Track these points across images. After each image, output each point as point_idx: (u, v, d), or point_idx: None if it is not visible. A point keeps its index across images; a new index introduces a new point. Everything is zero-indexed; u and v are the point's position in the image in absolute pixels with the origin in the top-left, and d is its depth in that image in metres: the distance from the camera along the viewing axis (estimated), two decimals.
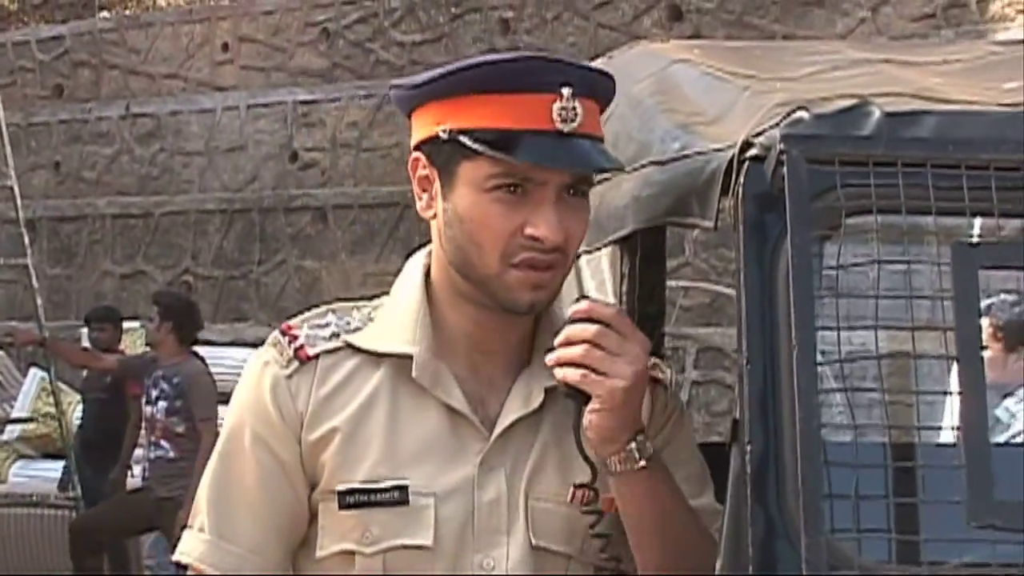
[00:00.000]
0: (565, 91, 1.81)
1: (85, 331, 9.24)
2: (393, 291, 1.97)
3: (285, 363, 1.91)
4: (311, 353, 1.92)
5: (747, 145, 1.78)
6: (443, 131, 1.84)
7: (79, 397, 9.13)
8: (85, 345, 9.07)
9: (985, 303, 1.75)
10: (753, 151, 1.77)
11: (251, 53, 11.80)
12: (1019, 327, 4.76)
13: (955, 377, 1.71)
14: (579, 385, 1.79)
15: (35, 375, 10.16)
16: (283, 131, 11.51)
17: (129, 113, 12.33)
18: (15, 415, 9.92)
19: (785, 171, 1.72)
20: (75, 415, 9.19)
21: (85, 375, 8.86)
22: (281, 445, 1.90)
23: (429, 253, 1.95)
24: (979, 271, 1.71)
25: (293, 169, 11.45)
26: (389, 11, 11.05)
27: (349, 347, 1.92)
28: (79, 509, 8.55)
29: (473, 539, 1.87)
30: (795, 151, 1.72)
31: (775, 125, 1.77)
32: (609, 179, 2.13)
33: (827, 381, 1.72)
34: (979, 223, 1.76)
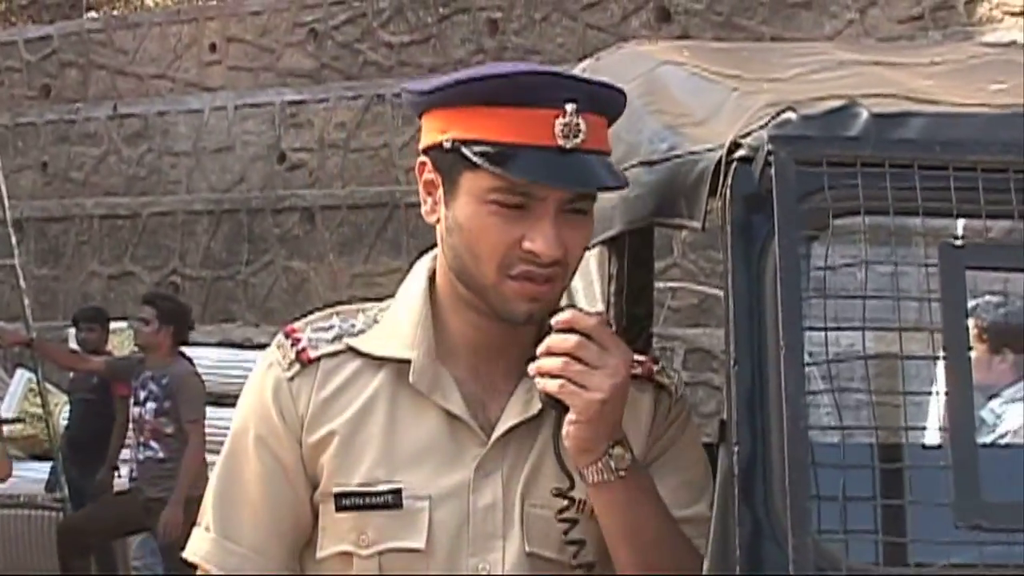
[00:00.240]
0: (569, 107, 1.81)
1: (72, 332, 9.22)
2: (399, 293, 1.98)
3: (287, 366, 1.93)
4: (313, 356, 1.93)
5: (735, 146, 1.78)
6: (447, 140, 1.85)
7: (66, 398, 9.12)
8: (72, 347, 9.06)
9: (970, 304, 1.75)
10: (741, 152, 1.77)
11: (239, 54, 11.79)
12: (1004, 328, 4.77)
13: (940, 378, 1.71)
14: (557, 396, 1.80)
15: (22, 376, 10.15)
16: (271, 132, 11.50)
17: (117, 114, 12.31)
18: (2, 416, 9.90)
19: (773, 172, 1.72)
20: (62, 416, 9.18)
21: (72, 376, 8.84)
22: (282, 447, 1.92)
23: (435, 256, 1.97)
24: (966, 272, 1.71)
25: (281, 170, 11.44)
26: (377, 12, 11.05)
27: (351, 350, 1.93)
28: (66, 510, 8.53)
29: (468, 543, 1.88)
30: (783, 152, 1.72)
31: (763, 126, 1.77)
32: None
33: (815, 382, 1.72)
34: (962, 223, 1.76)
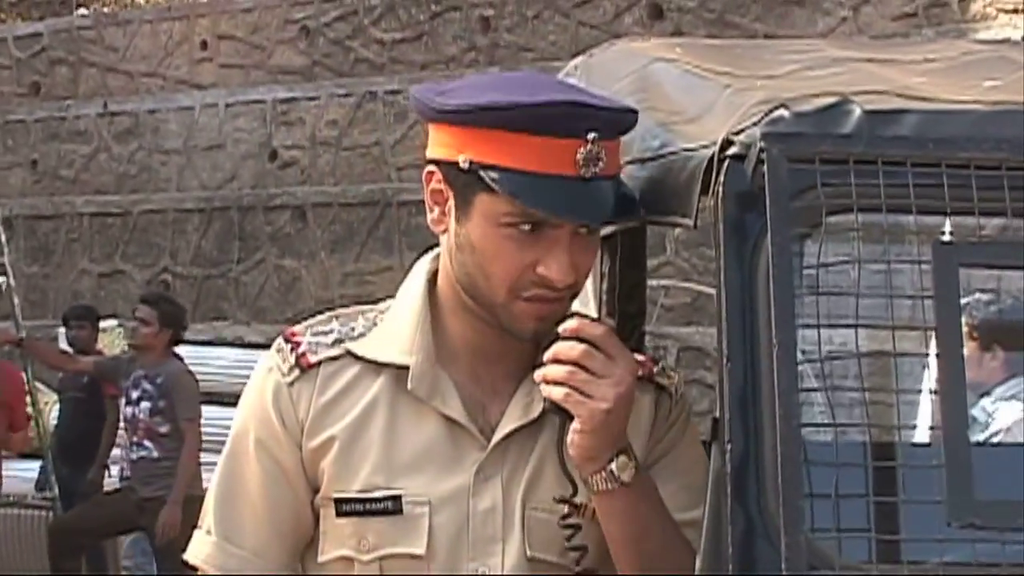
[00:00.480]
0: (591, 136, 1.81)
1: (63, 330, 9.21)
2: (398, 295, 1.99)
3: (287, 370, 1.94)
4: (312, 361, 1.94)
5: (727, 143, 1.78)
6: (463, 160, 1.84)
7: (56, 397, 9.11)
8: (63, 347, 9.05)
9: (962, 302, 1.75)
10: (733, 149, 1.77)
11: (230, 51, 11.78)
12: (995, 326, 4.78)
13: (930, 375, 1.71)
14: (563, 405, 1.81)
15: None
16: (262, 129, 11.49)
17: (107, 111, 12.30)
18: None
19: (765, 169, 1.72)
20: (52, 415, 9.17)
21: (62, 375, 8.84)
22: (283, 451, 1.93)
23: (435, 258, 1.96)
24: (959, 270, 1.71)
25: (272, 167, 11.43)
26: (369, 8, 11.04)
27: (351, 355, 1.94)
28: (56, 509, 8.52)
29: (468, 548, 1.88)
30: (775, 149, 1.72)
31: (755, 123, 1.77)
32: None
33: (808, 380, 1.72)
34: (949, 221, 1.77)
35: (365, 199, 10.80)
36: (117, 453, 8.12)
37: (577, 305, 2.24)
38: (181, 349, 7.88)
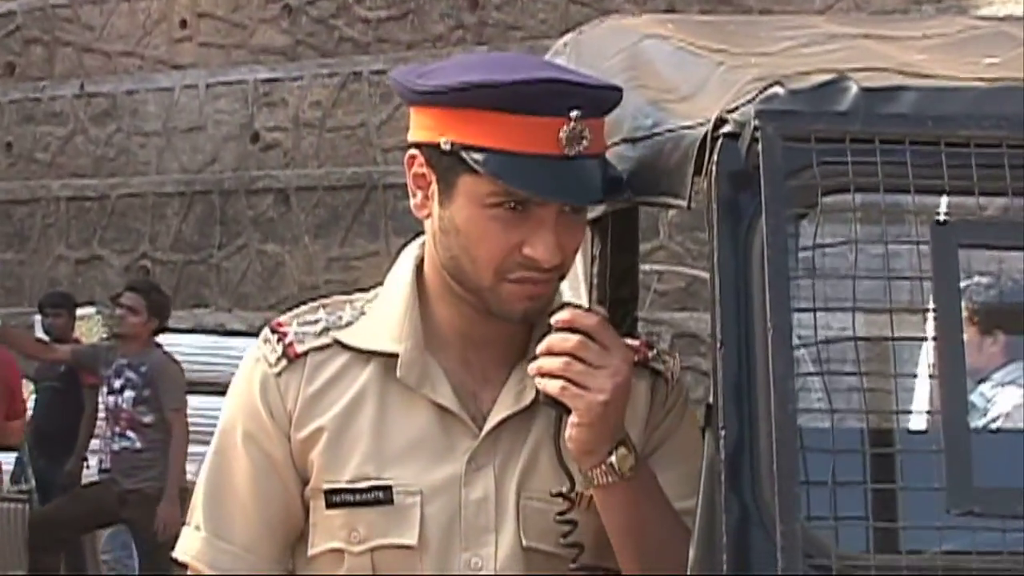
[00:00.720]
0: (574, 114, 1.82)
1: (38, 318, 9.20)
2: (386, 283, 1.99)
3: (274, 361, 1.95)
4: (300, 351, 1.95)
5: (721, 122, 1.78)
6: (445, 142, 1.85)
7: (32, 386, 9.10)
8: (39, 335, 9.04)
9: (961, 285, 1.75)
10: (727, 128, 1.77)
11: (210, 30, 11.75)
12: (995, 310, 4.79)
13: (927, 360, 1.72)
14: (559, 398, 1.81)
15: None
16: (244, 111, 11.47)
17: (84, 92, 12.27)
18: None
19: (760, 148, 1.72)
20: (28, 405, 9.15)
21: (38, 364, 8.83)
22: (271, 443, 1.94)
23: (422, 244, 1.97)
24: (959, 251, 1.72)
25: (254, 150, 11.42)
26: None
27: (338, 344, 1.95)
28: (32, 502, 8.51)
29: (460, 538, 1.89)
30: (770, 128, 1.73)
31: (749, 101, 1.77)
32: None
33: (804, 365, 1.73)
34: (945, 201, 1.77)
35: (350, 182, 10.79)
36: (96, 444, 8.12)
37: (568, 292, 2.25)
38: (161, 337, 7.88)
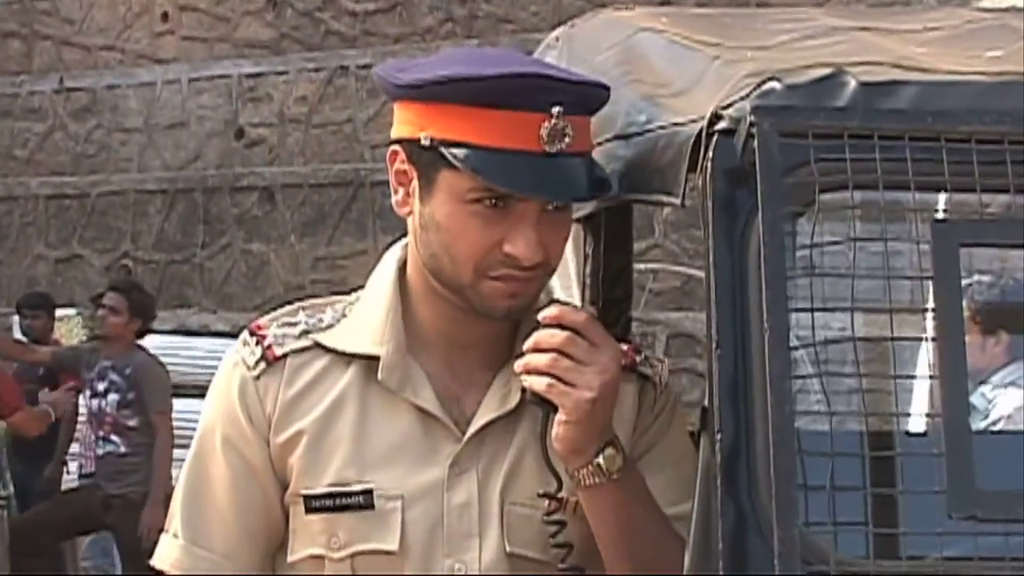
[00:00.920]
0: (555, 110, 1.83)
1: (16, 319, 9.19)
2: (367, 285, 2.00)
3: (253, 364, 1.96)
4: (279, 353, 1.95)
5: (716, 118, 1.78)
6: (425, 138, 1.86)
7: None
8: (17, 336, 9.02)
9: (962, 284, 1.76)
10: (722, 124, 1.77)
11: (193, 23, 11.74)
12: (997, 309, 4.79)
13: (926, 360, 1.72)
14: (546, 395, 1.82)
15: None
16: (227, 106, 11.47)
17: (63, 87, 12.26)
18: None
19: (756, 145, 1.73)
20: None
21: (16, 366, 8.81)
22: (250, 448, 1.94)
23: (406, 246, 1.98)
24: (960, 249, 1.72)
25: (238, 146, 11.41)
26: None
27: (319, 346, 1.95)
28: (10, 508, 8.50)
29: (443, 543, 1.89)
30: (766, 124, 1.73)
31: (746, 96, 1.78)
32: None
33: (802, 366, 1.73)
34: (943, 199, 1.77)
35: (337, 179, 10.78)
36: (76, 448, 8.11)
37: (560, 292, 2.25)
38: (142, 339, 7.87)
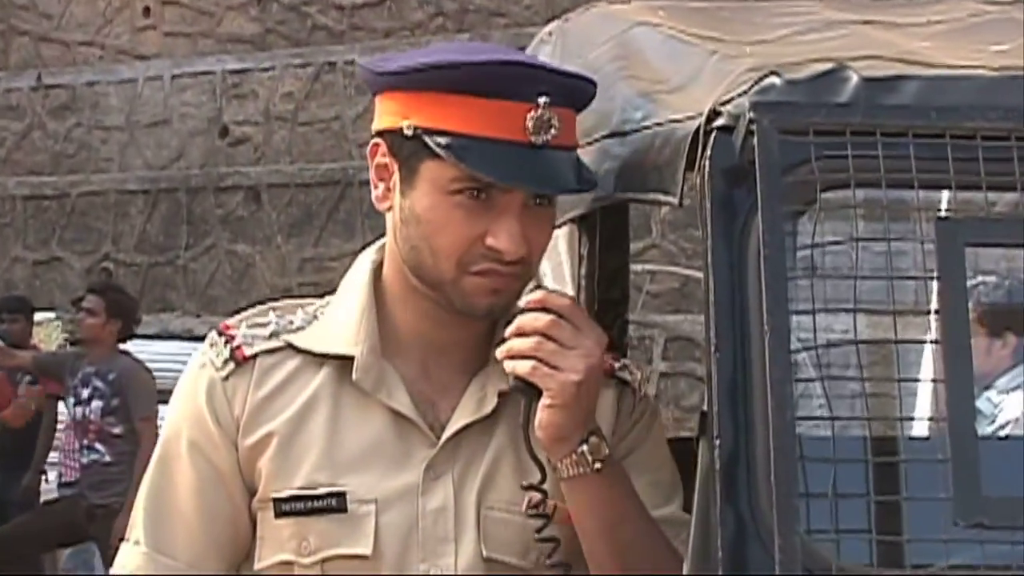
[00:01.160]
0: (542, 100, 1.84)
1: None
2: (340, 288, 2.01)
3: (221, 364, 1.96)
4: (248, 353, 1.96)
5: (714, 114, 1.79)
6: (408, 127, 1.87)
7: None
8: None
9: (968, 285, 1.76)
10: (721, 121, 1.78)
11: (175, 18, 11.74)
12: (1003, 311, 4.80)
13: (928, 363, 1.72)
14: (529, 378, 1.82)
15: None
16: (211, 103, 11.46)
17: (41, 84, 12.25)
18: None
19: (755, 142, 1.73)
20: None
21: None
22: (218, 452, 1.94)
23: (381, 248, 1.99)
24: (965, 249, 1.72)
25: (223, 145, 11.41)
26: None
27: (290, 347, 1.96)
28: None
29: (418, 548, 1.90)
30: (766, 120, 1.73)
31: (744, 92, 1.78)
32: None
33: (803, 370, 1.73)
34: (946, 197, 1.78)
35: (324, 178, 10.78)
36: (55, 456, 8.10)
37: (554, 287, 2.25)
38: (127, 343, 7.86)
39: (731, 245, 1.75)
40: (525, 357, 1.82)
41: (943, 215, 1.74)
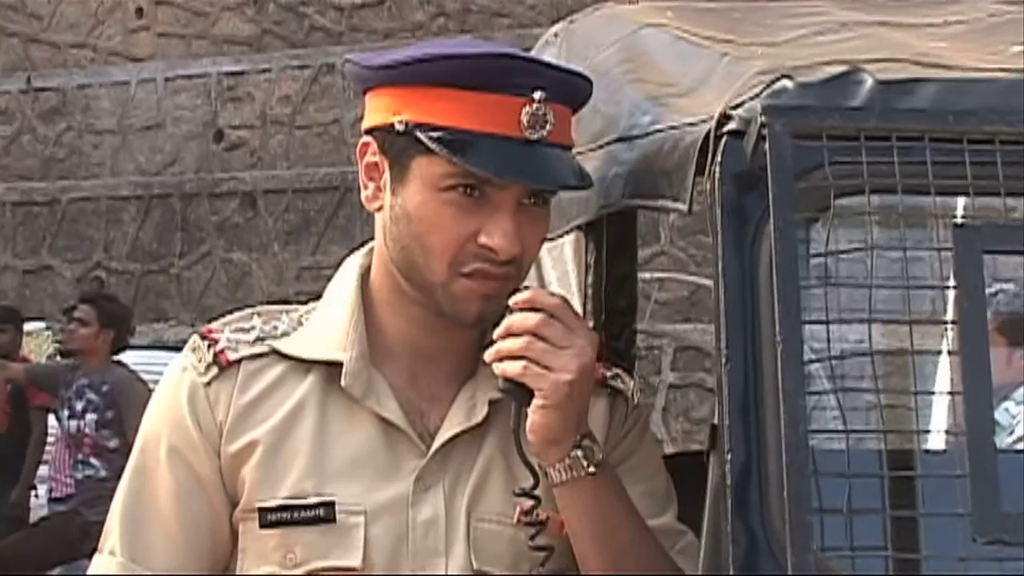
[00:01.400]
0: (537, 95, 1.84)
1: None
2: (326, 294, 2.01)
3: (204, 369, 1.95)
4: (232, 358, 1.95)
5: (725, 118, 1.79)
6: (399, 122, 1.87)
7: None
8: None
9: (987, 293, 1.76)
10: (731, 125, 1.78)
11: (169, 18, 11.76)
12: (1022, 319, 4.80)
13: (944, 374, 1.72)
14: (520, 379, 1.82)
15: None
16: (206, 107, 11.48)
17: (31, 87, 12.27)
18: None
19: (767, 147, 1.73)
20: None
21: None
22: (199, 459, 1.93)
23: (369, 252, 1.99)
24: (983, 256, 1.72)
25: (218, 149, 11.42)
26: None
27: (275, 353, 1.96)
28: None
29: (408, 561, 1.90)
30: (778, 124, 1.73)
31: (756, 96, 1.78)
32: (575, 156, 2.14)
33: (816, 381, 1.73)
34: (964, 203, 1.78)
35: (322, 184, 10.80)
36: (44, 471, 8.10)
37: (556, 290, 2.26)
38: (121, 354, 7.86)
39: (742, 252, 1.75)
40: (515, 358, 1.82)
41: (960, 221, 1.74)
